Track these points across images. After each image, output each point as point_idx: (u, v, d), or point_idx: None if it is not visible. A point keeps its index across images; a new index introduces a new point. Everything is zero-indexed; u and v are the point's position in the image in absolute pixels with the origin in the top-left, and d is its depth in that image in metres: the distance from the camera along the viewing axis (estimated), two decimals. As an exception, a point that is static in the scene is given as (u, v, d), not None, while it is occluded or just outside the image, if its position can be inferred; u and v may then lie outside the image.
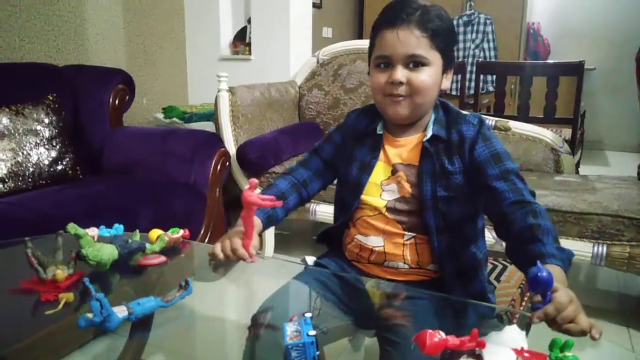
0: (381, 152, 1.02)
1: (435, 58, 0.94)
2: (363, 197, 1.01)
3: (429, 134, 0.98)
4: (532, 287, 0.68)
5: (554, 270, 0.75)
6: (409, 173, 0.99)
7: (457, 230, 0.98)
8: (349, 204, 1.03)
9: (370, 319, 0.99)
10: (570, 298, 0.68)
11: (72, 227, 0.91)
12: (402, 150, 1.01)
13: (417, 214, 0.97)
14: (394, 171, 1.00)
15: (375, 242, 1.00)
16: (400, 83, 0.94)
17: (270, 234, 2.33)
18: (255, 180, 0.89)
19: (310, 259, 1.11)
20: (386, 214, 0.99)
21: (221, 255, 0.91)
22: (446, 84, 1.00)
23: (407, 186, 0.98)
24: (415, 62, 0.93)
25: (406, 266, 0.98)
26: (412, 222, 0.98)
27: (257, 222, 0.98)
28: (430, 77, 0.94)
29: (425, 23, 0.92)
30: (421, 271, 0.99)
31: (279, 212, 1.05)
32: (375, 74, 0.98)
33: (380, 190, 1.00)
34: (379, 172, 1.01)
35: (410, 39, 0.92)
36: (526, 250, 0.82)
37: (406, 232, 0.97)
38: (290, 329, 0.72)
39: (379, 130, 1.04)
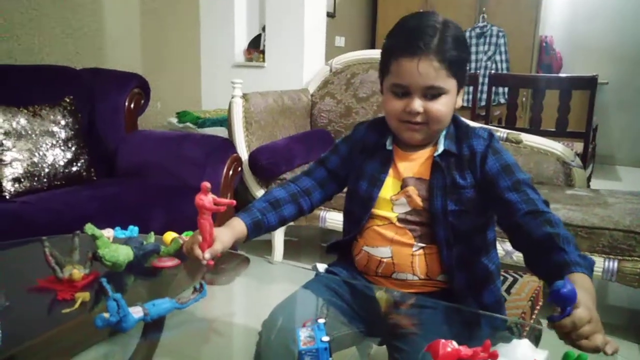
0: (391, 167, 1.03)
1: (451, 85, 0.95)
2: (374, 210, 1.01)
3: (440, 148, 0.99)
4: (553, 301, 0.68)
5: (580, 279, 0.76)
6: (420, 187, 0.99)
7: (468, 242, 0.98)
8: (358, 217, 1.03)
9: (380, 327, 0.99)
10: (590, 316, 0.68)
11: (89, 228, 0.92)
12: (413, 164, 1.01)
13: (428, 225, 0.98)
14: (403, 185, 1.00)
15: (383, 252, 0.99)
16: (418, 113, 0.94)
17: (279, 240, 2.33)
18: (207, 184, 0.90)
19: (322, 267, 1.11)
20: (397, 223, 0.99)
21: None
22: (459, 102, 1.00)
23: (418, 200, 0.98)
24: (433, 93, 0.94)
25: (415, 278, 0.98)
26: (423, 231, 0.98)
27: (240, 226, 0.98)
28: (447, 106, 0.95)
29: (443, 53, 0.91)
30: (430, 282, 0.99)
31: (270, 219, 1.03)
32: (391, 100, 0.98)
33: (391, 204, 1.00)
34: (389, 187, 1.01)
35: (430, 71, 0.91)
36: (548, 260, 0.82)
37: (416, 243, 0.97)
38: (303, 334, 0.72)
39: (389, 146, 1.03)
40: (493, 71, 4.39)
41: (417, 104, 0.94)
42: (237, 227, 0.98)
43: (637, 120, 4.89)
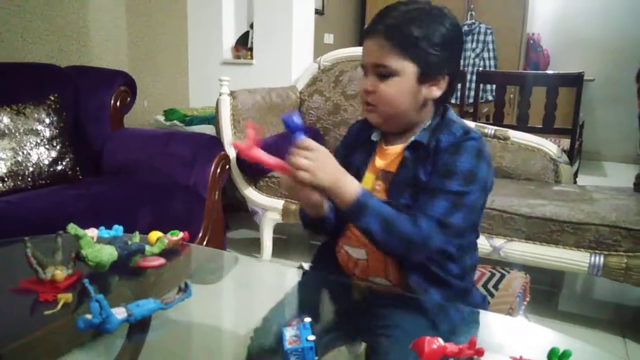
0: (371, 161, 1.01)
1: (404, 67, 0.90)
2: None
3: (412, 140, 0.95)
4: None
5: (349, 178, 0.86)
6: (387, 180, 0.97)
7: None
8: (342, 211, 1.02)
9: (360, 329, 0.98)
10: (309, 148, 0.83)
11: (72, 228, 0.91)
12: (388, 157, 0.99)
13: None
14: (375, 179, 0.99)
15: (359, 254, 0.99)
16: (369, 92, 0.93)
17: (268, 238, 2.33)
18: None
19: (307, 266, 1.11)
20: None
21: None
22: (434, 92, 0.94)
23: (380, 196, 0.95)
24: (383, 72, 0.91)
25: (389, 283, 0.96)
26: None
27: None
28: (396, 88, 0.91)
29: (392, 30, 0.89)
30: (404, 288, 0.96)
31: (332, 216, 1.01)
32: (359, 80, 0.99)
33: None
34: (367, 181, 0.99)
35: (375, 48, 0.91)
36: None
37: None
38: (289, 333, 0.72)
39: (374, 138, 1.02)
40: (481, 68, 4.41)
41: (367, 82, 0.93)
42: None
43: (622, 116, 4.95)
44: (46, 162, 1.81)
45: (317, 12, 3.64)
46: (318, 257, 1.13)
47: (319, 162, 0.83)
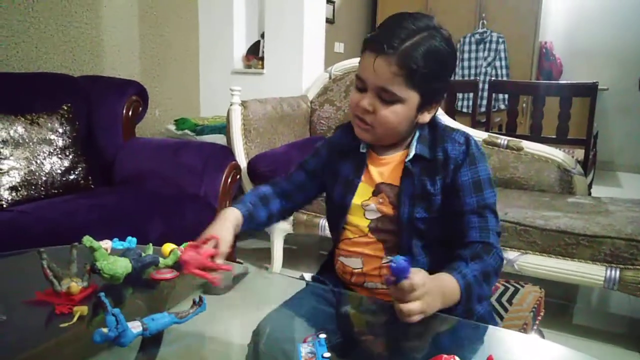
0: (364, 172, 1.01)
1: (410, 96, 0.90)
2: (348, 217, 1.01)
3: (412, 153, 0.95)
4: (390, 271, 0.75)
5: (446, 278, 0.82)
6: (391, 193, 0.97)
7: (439, 251, 0.95)
8: (336, 224, 1.04)
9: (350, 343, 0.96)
10: (420, 284, 0.74)
11: (87, 240, 0.91)
12: (384, 169, 0.99)
13: (398, 234, 0.96)
14: (375, 192, 0.99)
15: (354, 263, 1.00)
16: (367, 111, 0.92)
17: (278, 248, 2.32)
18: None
19: (308, 276, 1.12)
20: (369, 234, 0.98)
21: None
22: (426, 117, 0.95)
23: (387, 208, 0.97)
24: (386, 97, 0.90)
25: (384, 287, 0.96)
26: (394, 241, 0.97)
27: (236, 217, 1.01)
28: (398, 116, 0.91)
29: (407, 59, 0.86)
30: None
31: (261, 214, 1.06)
32: (352, 92, 0.97)
33: (363, 210, 1.00)
34: (361, 192, 1.00)
35: (384, 72, 0.88)
36: (451, 262, 0.87)
37: (385, 255, 0.97)
38: (304, 350, 0.71)
39: (362, 149, 1.01)
40: (493, 77, 4.40)
41: (366, 102, 0.91)
42: (234, 218, 1.00)
43: (637, 126, 4.90)
44: (59, 171, 1.82)
45: (327, 21, 3.66)
46: (324, 268, 1.15)
47: (429, 296, 0.76)
